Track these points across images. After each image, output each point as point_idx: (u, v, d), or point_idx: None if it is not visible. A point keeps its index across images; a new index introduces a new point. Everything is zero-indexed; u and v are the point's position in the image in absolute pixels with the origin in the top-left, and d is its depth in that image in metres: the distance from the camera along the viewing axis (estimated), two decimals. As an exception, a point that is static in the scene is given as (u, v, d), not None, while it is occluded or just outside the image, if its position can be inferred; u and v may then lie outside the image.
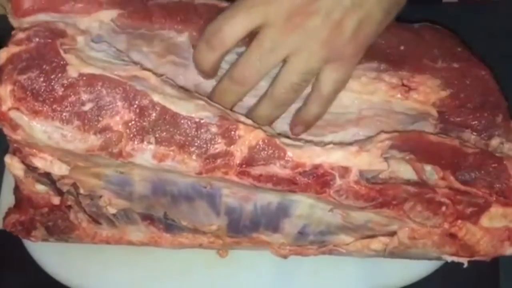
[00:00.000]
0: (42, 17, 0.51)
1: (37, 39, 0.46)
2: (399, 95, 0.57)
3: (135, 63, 0.50)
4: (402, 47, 0.57)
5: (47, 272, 0.65)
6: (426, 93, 0.57)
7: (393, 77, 0.57)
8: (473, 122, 0.55)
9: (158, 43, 0.53)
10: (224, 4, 0.55)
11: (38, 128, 0.46)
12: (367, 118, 0.57)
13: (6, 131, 0.46)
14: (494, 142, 0.54)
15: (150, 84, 0.48)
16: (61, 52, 0.46)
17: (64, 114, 0.46)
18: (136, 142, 0.47)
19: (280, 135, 0.52)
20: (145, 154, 0.48)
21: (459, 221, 0.53)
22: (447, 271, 0.63)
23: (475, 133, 0.55)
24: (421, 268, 0.64)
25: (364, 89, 0.57)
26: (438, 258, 0.57)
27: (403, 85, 0.57)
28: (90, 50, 0.48)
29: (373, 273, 0.64)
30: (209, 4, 0.55)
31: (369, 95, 0.57)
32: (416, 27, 0.59)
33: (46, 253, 0.65)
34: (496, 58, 0.61)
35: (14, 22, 0.52)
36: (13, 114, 0.45)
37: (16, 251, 0.65)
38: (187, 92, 0.51)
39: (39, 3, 0.51)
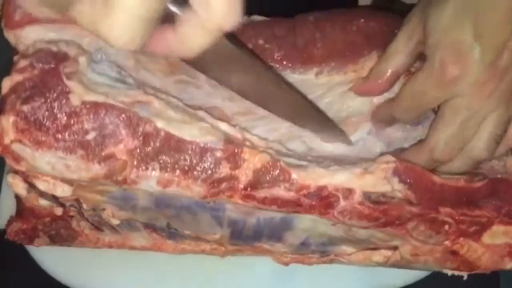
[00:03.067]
0: (36, 29, 0.50)
1: (40, 65, 0.45)
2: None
3: (138, 84, 0.49)
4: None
5: (47, 273, 0.65)
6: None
7: None
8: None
9: (163, 60, 0.52)
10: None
11: (42, 159, 0.45)
12: None
13: (9, 162, 0.45)
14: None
15: (153, 108, 0.47)
16: (64, 79, 0.45)
17: (67, 143, 0.45)
18: (140, 170, 0.47)
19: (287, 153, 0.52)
20: (150, 181, 0.48)
21: (461, 239, 0.53)
22: (447, 270, 0.64)
23: None
24: (421, 269, 0.65)
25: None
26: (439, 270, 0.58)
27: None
28: (92, 73, 0.47)
29: (373, 273, 0.65)
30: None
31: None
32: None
33: (47, 254, 0.65)
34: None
35: (10, 37, 0.51)
36: (16, 147, 0.44)
37: (17, 251, 0.65)
38: (191, 113, 0.50)
39: (30, 14, 0.50)
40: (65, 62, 0.46)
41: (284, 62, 0.54)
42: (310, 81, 0.56)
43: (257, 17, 0.56)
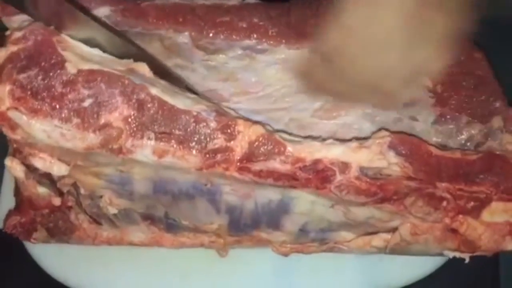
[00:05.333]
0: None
1: (33, 37, 0.46)
2: None
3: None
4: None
5: (47, 272, 0.64)
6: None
7: None
8: (469, 106, 0.56)
9: (158, 44, 0.53)
10: (225, 4, 0.56)
11: (37, 127, 0.46)
12: None
13: (5, 131, 0.46)
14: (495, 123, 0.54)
15: (147, 77, 0.48)
16: (59, 49, 0.46)
17: (63, 112, 0.46)
18: (136, 139, 0.47)
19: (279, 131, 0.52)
20: (145, 150, 0.48)
21: (460, 216, 0.53)
22: (448, 270, 0.63)
23: (472, 119, 0.55)
24: (422, 268, 0.64)
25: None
26: (440, 254, 0.57)
27: None
28: (85, 47, 0.48)
29: (373, 272, 0.64)
30: (208, 5, 0.55)
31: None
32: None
33: (46, 253, 0.65)
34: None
35: (7, 23, 0.52)
36: (12, 114, 0.45)
37: (16, 251, 0.65)
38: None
39: None
40: (57, 36, 0.47)
41: (278, 38, 0.56)
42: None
43: (251, 0, 0.58)
